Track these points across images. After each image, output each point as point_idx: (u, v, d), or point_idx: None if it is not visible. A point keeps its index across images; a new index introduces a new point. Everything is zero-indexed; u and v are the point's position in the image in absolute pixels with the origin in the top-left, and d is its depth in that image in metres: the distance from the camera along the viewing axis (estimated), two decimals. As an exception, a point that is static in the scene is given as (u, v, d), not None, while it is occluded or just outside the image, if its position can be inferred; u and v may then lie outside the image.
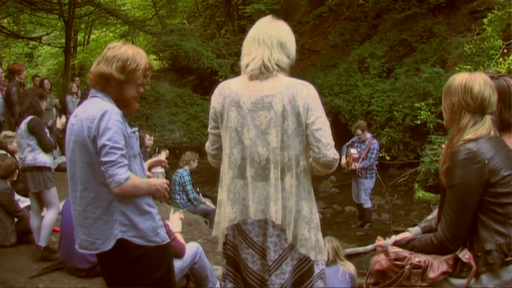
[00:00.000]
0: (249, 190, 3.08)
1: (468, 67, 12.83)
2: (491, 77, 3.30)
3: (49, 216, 6.42)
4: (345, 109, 17.41)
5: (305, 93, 3.11)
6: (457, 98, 3.04)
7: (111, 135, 3.12)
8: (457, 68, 13.24)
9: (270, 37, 3.14)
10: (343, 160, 11.01)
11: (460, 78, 3.09)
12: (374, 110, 17.08)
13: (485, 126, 3.00)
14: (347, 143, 11.50)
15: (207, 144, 3.41)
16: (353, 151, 11.11)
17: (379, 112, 16.96)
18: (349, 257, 7.83)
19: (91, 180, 3.24)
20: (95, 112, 3.18)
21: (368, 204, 11.53)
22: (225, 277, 3.25)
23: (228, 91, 3.14)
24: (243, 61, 3.19)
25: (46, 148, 6.40)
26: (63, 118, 6.70)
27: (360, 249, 9.37)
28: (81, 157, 3.23)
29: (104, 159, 3.11)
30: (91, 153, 3.19)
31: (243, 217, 3.10)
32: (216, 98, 3.19)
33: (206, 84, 28.39)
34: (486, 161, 2.90)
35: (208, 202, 11.07)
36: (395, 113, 16.50)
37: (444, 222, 3.01)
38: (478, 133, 2.98)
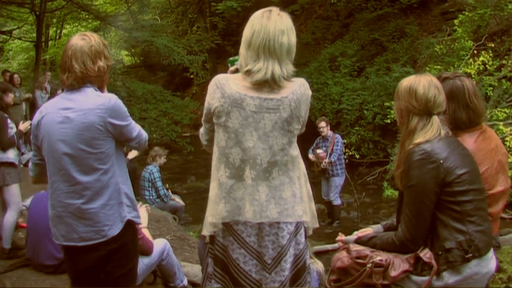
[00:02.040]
0: (247, 192, 3.00)
1: (439, 67, 12.95)
2: (446, 78, 3.46)
3: (8, 217, 6.34)
4: (315, 107, 17.34)
5: (307, 96, 3.09)
6: (404, 102, 3.11)
7: (128, 115, 3.45)
8: (427, 68, 13.29)
9: (281, 47, 2.99)
10: (311, 158, 11.37)
11: (406, 82, 3.16)
12: (345, 108, 17.10)
13: (433, 127, 3.06)
14: (311, 148, 11.73)
15: (201, 131, 3.31)
16: (319, 151, 11.40)
17: (349, 111, 16.99)
18: (318, 254, 7.86)
19: (94, 169, 3.32)
20: (102, 100, 3.35)
21: (337, 201, 11.69)
22: (211, 277, 3.17)
23: (229, 91, 2.98)
24: (249, 66, 2.99)
25: (3, 146, 6.29)
26: (27, 123, 6.55)
27: (329, 246, 9.36)
28: (84, 149, 3.30)
29: (134, 134, 3.47)
30: (99, 141, 3.32)
31: (235, 218, 3.02)
32: (213, 95, 3.03)
33: (177, 80, 28.52)
34: (441, 161, 2.96)
35: (177, 199, 11.09)
36: (365, 112, 16.56)
37: (403, 223, 3.06)
38: (427, 136, 3.03)
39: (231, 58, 3.40)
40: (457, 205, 2.98)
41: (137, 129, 3.53)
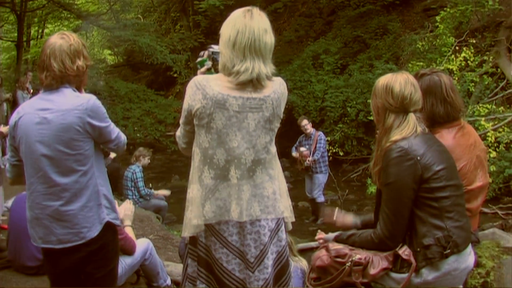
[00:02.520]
0: (232, 192, 3.01)
1: (421, 63, 12.99)
2: (424, 74, 3.53)
3: None
4: (299, 105, 17.39)
5: (285, 95, 3.13)
6: (380, 99, 3.16)
7: (107, 116, 3.41)
8: (409, 65, 13.41)
9: (265, 46, 2.99)
10: (294, 155, 11.67)
11: (382, 80, 3.20)
12: (328, 106, 17.10)
13: (409, 125, 3.08)
14: (295, 146, 11.86)
15: (178, 134, 3.29)
16: (302, 149, 11.49)
17: (332, 108, 16.99)
18: (302, 252, 7.75)
19: (73, 171, 3.29)
20: (81, 101, 3.31)
21: (321, 199, 11.75)
22: (196, 278, 3.15)
23: (211, 92, 2.95)
24: (236, 66, 2.96)
25: None
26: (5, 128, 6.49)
27: (313, 244, 9.05)
28: (63, 150, 3.26)
29: (112, 136, 3.45)
30: (78, 142, 3.29)
31: (221, 218, 3.02)
32: (194, 96, 2.99)
33: (160, 79, 28.43)
34: (418, 157, 2.99)
35: (163, 191, 11.21)
36: (348, 109, 16.53)
37: (382, 220, 3.09)
38: (403, 133, 3.06)
39: (199, 59, 3.41)
40: (435, 201, 3.01)
41: (115, 131, 3.50)
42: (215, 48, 3.37)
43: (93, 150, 3.36)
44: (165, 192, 11.36)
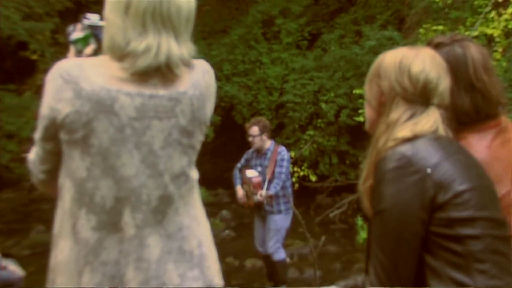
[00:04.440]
0: (128, 249, 2.93)
1: (440, 27, 13.01)
2: (440, 44, 3.46)
3: None
4: (242, 102, 17.67)
5: (213, 89, 3.16)
6: (388, 81, 3.08)
7: None
8: (421, 30, 13.49)
9: (179, 12, 2.91)
10: (239, 192, 11.18)
11: (393, 55, 3.15)
12: (290, 101, 17.35)
13: (430, 119, 3.03)
14: (238, 165, 11.60)
15: (33, 158, 3.14)
16: (250, 173, 11.09)
17: (297, 105, 17.23)
18: None
19: None
20: None
21: (280, 255, 11.23)
22: None
23: (89, 86, 2.80)
24: (133, 43, 2.83)
25: None
26: None
27: None
28: None
29: None
30: None
31: None
32: (59, 94, 2.83)
33: (9, 65, 28.27)
34: (429, 170, 2.85)
35: (12, 266, 10.78)
36: (323, 105, 16.82)
37: (373, 271, 3.00)
38: (418, 127, 2.97)
39: (75, 36, 3.38)
40: (457, 242, 2.85)
41: None
42: (93, 18, 3.38)
43: None
44: (15, 269, 10.91)
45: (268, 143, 11.14)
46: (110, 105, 2.81)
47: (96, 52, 3.28)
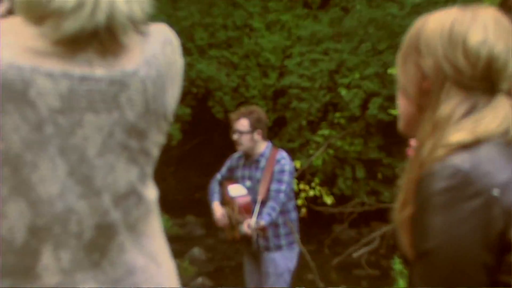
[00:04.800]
0: None
1: None
2: (502, 6, 3.56)
3: None
4: (223, 86, 16.91)
5: (178, 65, 2.74)
6: (433, 59, 2.63)
7: None
8: None
9: None
10: (217, 211, 9.28)
11: (439, 20, 2.66)
12: (294, 86, 16.22)
13: (497, 114, 2.56)
14: (218, 175, 9.58)
15: None
16: (234, 190, 9.26)
17: (305, 91, 16.14)
18: None
19: None
20: None
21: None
22: None
23: None
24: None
25: None
26: None
27: None
28: None
29: None
30: None
31: None
32: None
33: None
34: (496, 191, 2.40)
35: None
36: (343, 91, 15.71)
37: None
38: (480, 127, 2.54)
39: None
40: None
41: None
42: None
43: None
44: None
45: (263, 146, 9.26)
46: (22, 91, 2.41)
47: (9, 13, 2.71)
